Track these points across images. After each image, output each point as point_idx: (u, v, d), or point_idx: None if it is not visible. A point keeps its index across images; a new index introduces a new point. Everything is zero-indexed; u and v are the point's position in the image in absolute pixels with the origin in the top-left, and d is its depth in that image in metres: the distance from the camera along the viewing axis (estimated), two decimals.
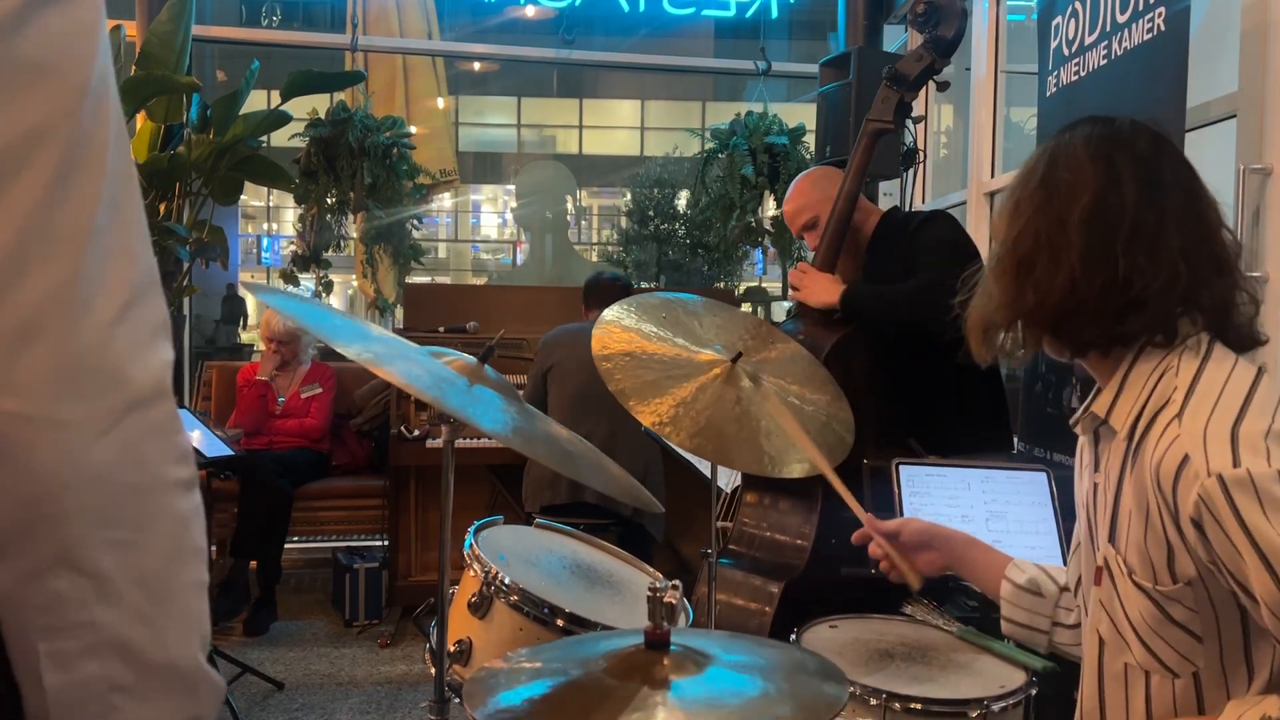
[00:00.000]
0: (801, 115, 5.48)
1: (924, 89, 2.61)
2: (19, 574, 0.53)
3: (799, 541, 2.32)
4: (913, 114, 2.60)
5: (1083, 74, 2.70)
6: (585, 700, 0.88)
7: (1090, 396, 1.22)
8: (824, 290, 2.47)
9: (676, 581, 0.95)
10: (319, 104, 5.15)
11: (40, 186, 0.51)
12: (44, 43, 0.51)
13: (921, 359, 2.48)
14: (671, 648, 0.92)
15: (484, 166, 20.18)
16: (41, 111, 0.51)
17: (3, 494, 0.51)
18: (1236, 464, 0.98)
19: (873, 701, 1.44)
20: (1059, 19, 2.84)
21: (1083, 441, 1.28)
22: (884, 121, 2.51)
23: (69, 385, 0.52)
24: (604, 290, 3.76)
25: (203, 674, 0.60)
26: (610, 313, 1.90)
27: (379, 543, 4.47)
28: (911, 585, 1.46)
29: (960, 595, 2.02)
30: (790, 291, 2.61)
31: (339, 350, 1.29)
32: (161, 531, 0.57)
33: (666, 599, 0.92)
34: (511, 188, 17.49)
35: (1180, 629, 1.08)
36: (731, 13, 6.02)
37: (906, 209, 3.87)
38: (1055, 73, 2.87)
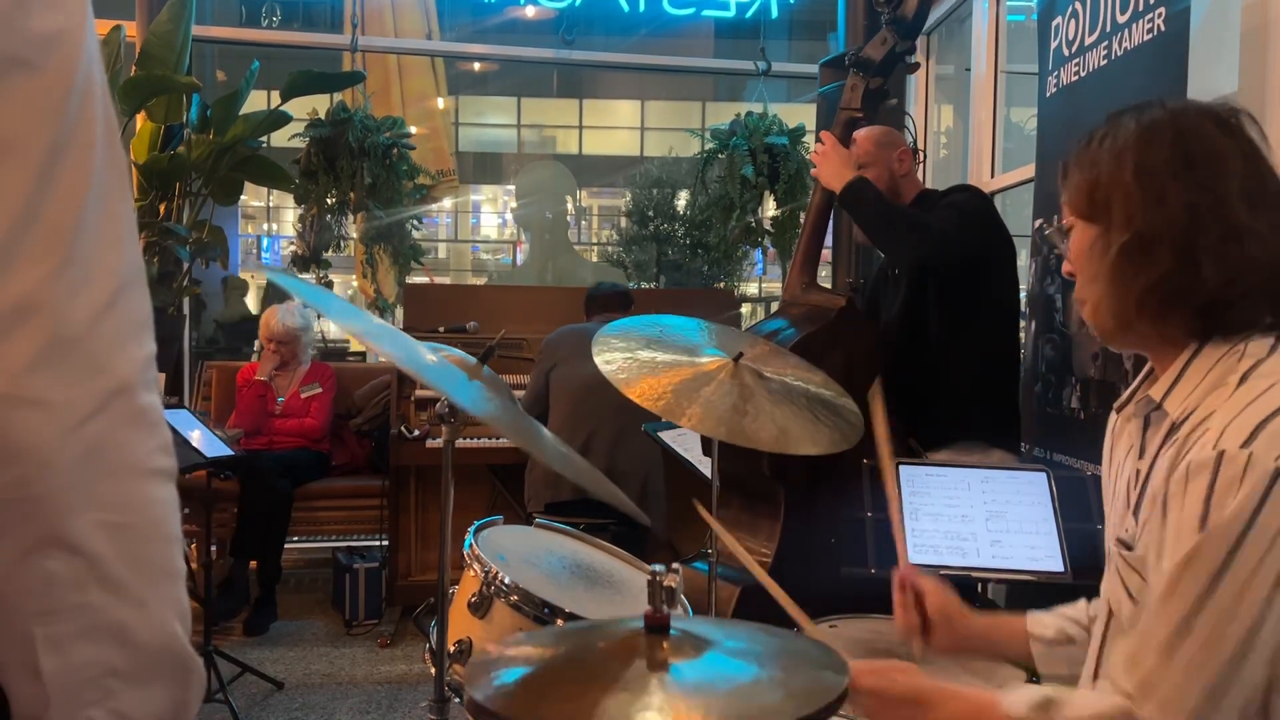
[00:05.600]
0: (801, 115, 5.47)
1: (918, 82, 2.62)
2: (12, 554, 0.53)
3: (763, 551, 2.36)
4: (889, 100, 2.61)
5: (1083, 74, 2.70)
6: (582, 682, 0.89)
7: (1141, 380, 1.19)
8: (835, 173, 2.46)
9: (676, 565, 0.96)
10: (319, 104, 5.15)
11: (27, 181, 0.53)
12: (31, 42, 0.53)
13: (913, 352, 2.49)
14: (671, 633, 0.92)
15: (484, 166, 20.16)
16: (28, 108, 0.53)
17: None
18: (1245, 445, 0.95)
19: None
20: (1059, 19, 2.84)
21: (1121, 426, 1.23)
22: (853, 110, 2.53)
23: (53, 370, 0.53)
24: (604, 300, 3.76)
25: (191, 659, 0.61)
26: (599, 348, 1.84)
27: (379, 543, 4.47)
28: (914, 652, 1.38)
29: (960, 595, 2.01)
30: (811, 168, 2.64)
31: (348, 332, 1.28)
32: (148, 516, 0.58)
33: (666, 583, 0.93)
34: (511, 188, 17.48)
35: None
36: (731, 13, 6.01)
37: None
38: (1055, 73, 2.87)
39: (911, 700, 1.12)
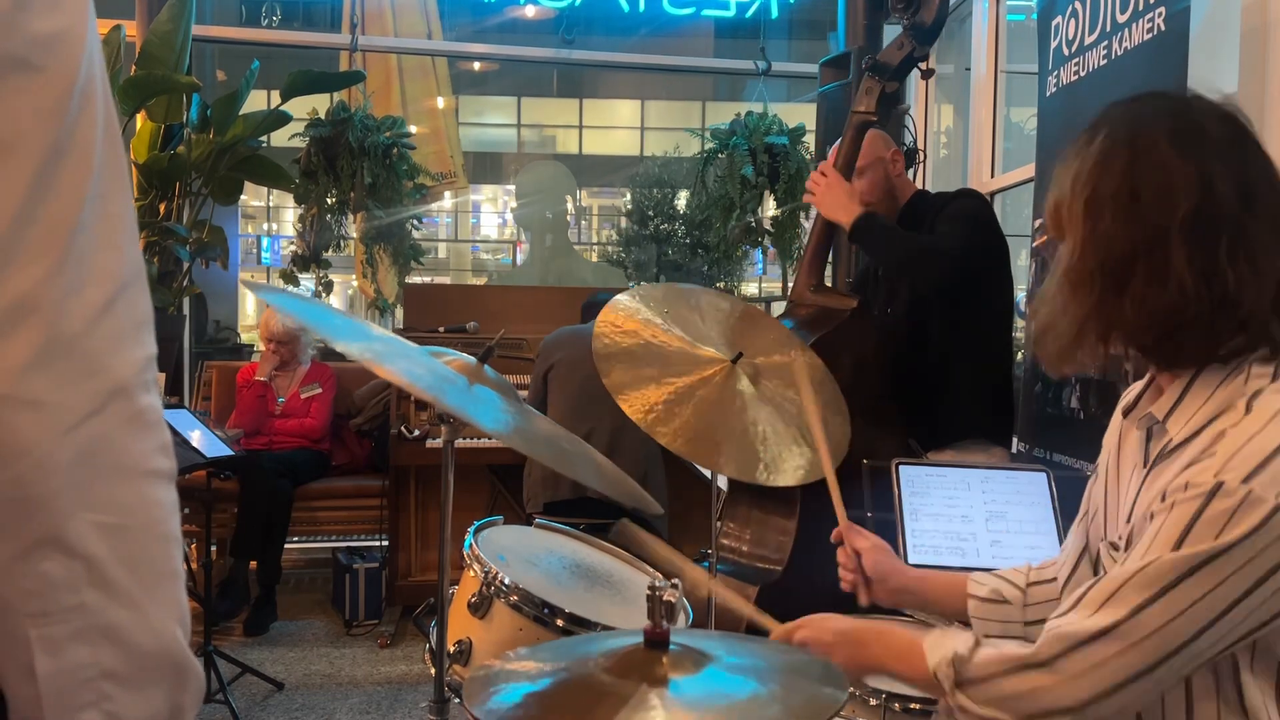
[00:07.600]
0: (801, 115, 5.47)
1: (918, 82, 2.62)
2: (8, 555, 0.53)
3: (776, 549, 2.35)
4: (900, 104, 2.60)
5: (1083, 74, 2.70)
6: (583, 698, 0.88)
7: (1144, 390, 1.18)
8: (841, 205, 2.40)
9: (676, 580, 0.95)
10: (319, 104, 5.15)
11: (25, 180, 0.53)
12: (31, 42, 0.52)
13: (912, 352, 2.49)
14: (671, 647, 0.92)
15: (484, 166, 20.17)
16: (28, 108, 0.53)
17: None
18: (1245, 481, 0.94)
19: (872, 702, 1.44)
20: (1059, 19, 2.84)
21: (1127, 430, 1.22)
22: (868, 113, 2.51)
23: (50, 370, 0.53)
24: (600, 308, 3.74)
25: (188, 661, 0.61)
26: (621, 299, 1.90)
27: (379, 543, 4.47)
28: (860, 601, 1.47)
29: None
30: (805, 195, 2.55)
31: (339, 350, 1.28)
32: (146, 517, 0.58)
33: (666, 598, 0.92)
34: (511, 188, 17.50)
35: None
36: (731, 13, 6.02)
37: None
38: (1055, 73, 2.87)
39: (845, 640, 1.20)
